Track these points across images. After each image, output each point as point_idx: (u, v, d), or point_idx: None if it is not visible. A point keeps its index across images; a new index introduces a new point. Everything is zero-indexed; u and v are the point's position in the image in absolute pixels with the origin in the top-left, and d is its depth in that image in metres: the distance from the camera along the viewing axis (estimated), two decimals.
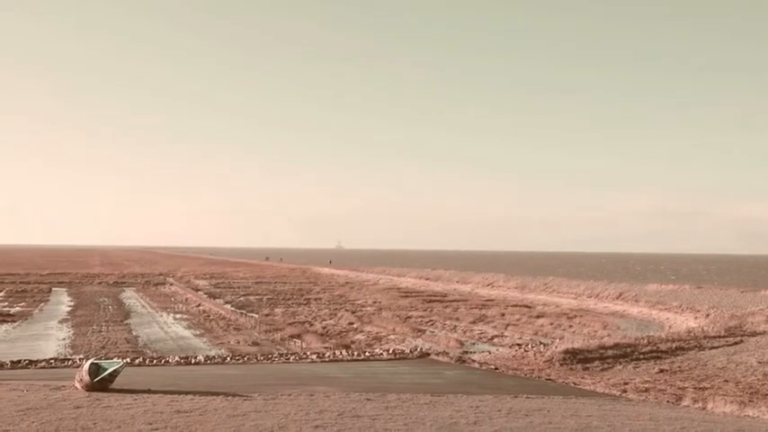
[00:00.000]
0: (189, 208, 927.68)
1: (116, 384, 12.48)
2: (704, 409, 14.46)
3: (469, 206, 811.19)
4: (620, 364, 20.91)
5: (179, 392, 12.24)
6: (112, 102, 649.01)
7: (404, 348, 24.42)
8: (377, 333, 31.36)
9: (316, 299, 51.56)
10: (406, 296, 54.93)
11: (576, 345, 23.69)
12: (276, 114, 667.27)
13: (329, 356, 21.74)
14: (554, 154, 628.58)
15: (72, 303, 46.78)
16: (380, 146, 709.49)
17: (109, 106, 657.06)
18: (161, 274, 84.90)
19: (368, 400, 11.83)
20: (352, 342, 28.05)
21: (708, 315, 35.84)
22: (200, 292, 56.18)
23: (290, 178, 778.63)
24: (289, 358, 21.38)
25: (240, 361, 20.89)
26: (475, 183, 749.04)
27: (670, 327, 34.25)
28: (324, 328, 33.20)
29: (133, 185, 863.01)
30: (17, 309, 42.50)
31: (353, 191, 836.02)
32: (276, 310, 42.13)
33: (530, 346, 25.74)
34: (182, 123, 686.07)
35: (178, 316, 39.24)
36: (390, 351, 23.15)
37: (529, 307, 45.54)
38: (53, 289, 60.75)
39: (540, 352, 22.65)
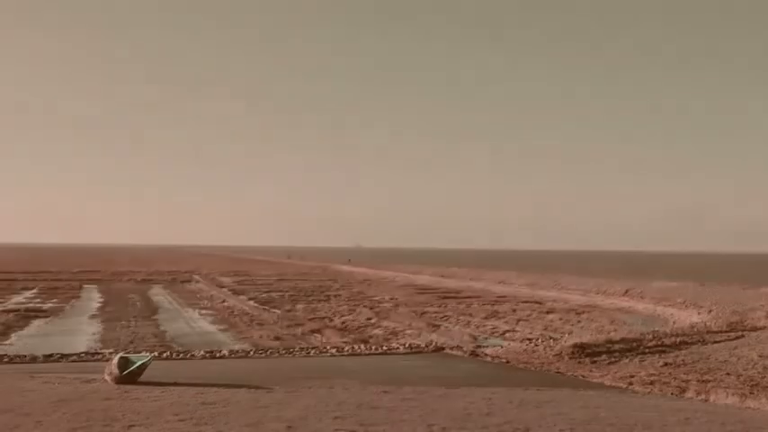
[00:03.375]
0: (213, 208, 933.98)
1: (144, 377, 12.99)
2: (707, 400, 14.69)
3: (475, 206, 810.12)
4: (627, 357, 20.93)
5: (204, 385, 12.70)
6: (132, 100, 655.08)
7: (419, 343, 24.68)
8: (394, 328, 31.59)
9: (335, 295, 51.78)
10: (422, 293, 55.04)
11: (585, 339, 23.83)
12: (288, 115, 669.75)
13: (348, 350, 22.06)
14: (556, 154, 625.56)
15: (102, 300, 47.22)
16: (393, 146, 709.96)
17: (128, 105, 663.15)
18: (187, 272, 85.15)
19: (385, 392, 12.21)
20: (370, 337, 28.31)
21: (710, 311, 35.71)
22: (224, 289, 56.68)
23: (306, 178, 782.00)
24: (309, 352, 21.66)
25: (263, 355, 21.15)
26: (479, 183, 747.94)
27: (674, 322, 34.06)
28: (343, 323, 33.58)
29: (157, 186, 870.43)
30: (49, 305, 42.89)
31: (369, 191, 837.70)
32: (297, 306, 42.46)
33: (540, 340, 25.80)
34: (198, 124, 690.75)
35: (203, 312, 39.58)
36: (406, 345, 23.42)
37: (539, 303, 45.52)
38: (84, 286, 60.86)
39: (550, 346, 22.78)
